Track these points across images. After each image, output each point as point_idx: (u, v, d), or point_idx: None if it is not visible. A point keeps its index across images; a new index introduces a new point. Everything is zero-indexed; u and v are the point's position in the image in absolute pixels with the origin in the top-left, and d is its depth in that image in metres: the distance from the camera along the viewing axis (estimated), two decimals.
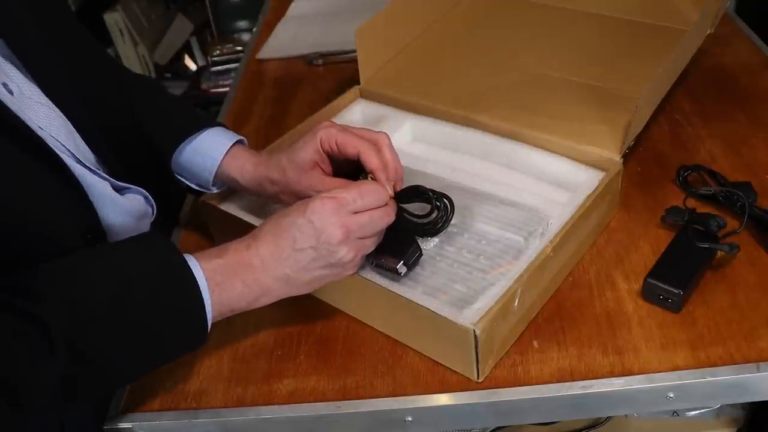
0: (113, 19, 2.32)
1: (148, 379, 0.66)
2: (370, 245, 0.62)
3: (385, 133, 0.68)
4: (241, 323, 0.70)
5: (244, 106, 1.08)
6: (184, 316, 0.56)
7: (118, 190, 0.70)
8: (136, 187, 0.73)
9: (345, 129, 0.68)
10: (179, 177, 0.78)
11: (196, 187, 0.78)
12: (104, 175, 0.68)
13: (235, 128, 0.98)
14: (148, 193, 0.74)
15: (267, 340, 0.69)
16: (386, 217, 0.62)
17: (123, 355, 0.55)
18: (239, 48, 2.34)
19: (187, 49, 2.56)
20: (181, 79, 2.49)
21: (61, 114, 0.66)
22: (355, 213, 0.60)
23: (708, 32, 0.96)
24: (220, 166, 0.75)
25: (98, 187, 0.65)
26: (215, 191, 0.77)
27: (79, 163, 0.65)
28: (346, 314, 0.70)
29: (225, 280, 0.58)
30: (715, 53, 1.01)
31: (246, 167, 0.74)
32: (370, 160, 0.65)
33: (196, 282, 0.56)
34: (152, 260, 0.56)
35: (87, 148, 0.69)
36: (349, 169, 0.69)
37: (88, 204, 0.63)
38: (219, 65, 2.37)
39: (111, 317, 0.53)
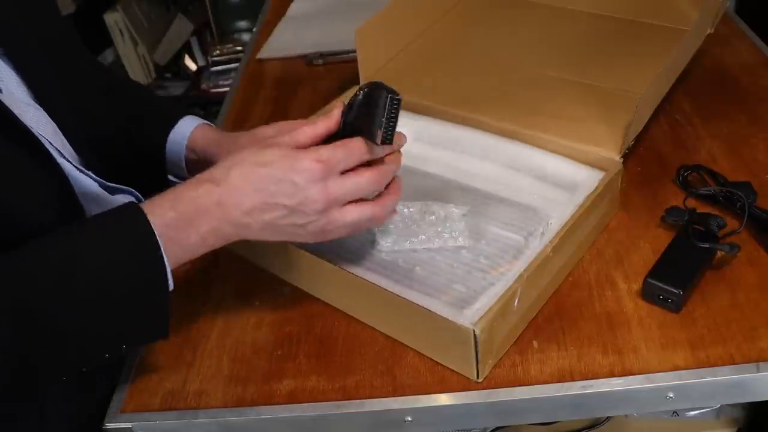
0: (113, 19, 2.32)
1: (148, 379, 0.66)
2: (347, 218, 0.59)
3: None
4: (241, 323, 0.70)
5: (244, 106, 1.08)
6: (140, 272, 0.55)
7: (107, 190, 0.71)
8: (126, 188, 0.73)
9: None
10: (173, 178, 0.79)
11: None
12: (91, 174, 0.68)
13: (235, 128, 0.99)
14: (138, 194, 0.75)
15: (267, 340, 0.69)
16: (374, 184, 0.60)
17: (75, 318, 0.53)
18: (239, 48, 2.35)
19: (187, 49, 2.56)
20: (181, 79, 2.49)
21: (50, 120, 0.66)
22: (342, 174, 0.58)
23: (708, 32, 0.96)
24: (188, 140, 0.76)
25: (84, 183, 0.65)
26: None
27: (66, 161, 0.65)
28: (346, 314, 0.70)
29: (178, 234, 0.56)
30: (715, 53, 1.01)
31: (207, 133, 0.75)
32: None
33: (156, 246, 0.54)
34: (111, 225, 0.55)
35: (73, 151, 0.69)
36: None
37: (74, 199, 0.63)
38: (219, 65, 2.37)
39: (60, 280, 0.52)
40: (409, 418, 0.62)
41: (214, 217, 0.56)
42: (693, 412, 0.82)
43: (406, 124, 0.87)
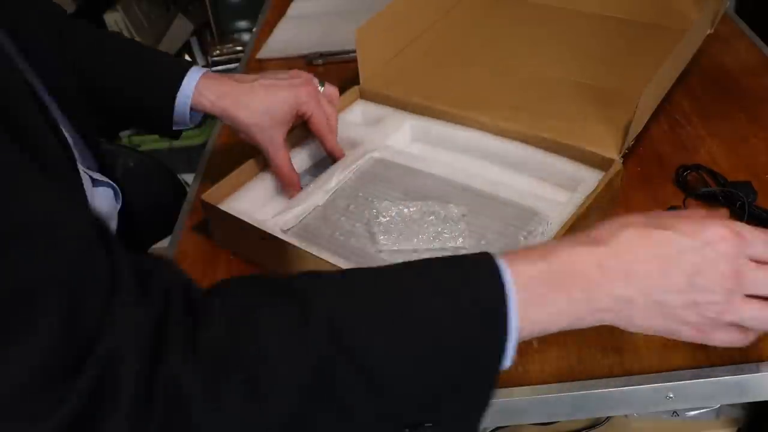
0: (113, 19, 2.32)
1: None
2: (748, 313, 0.47)
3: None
4: None
5: None
6: (474, 325, 0.43)
7: (93, 181, 0.72)
8: (108, 181, 0.74)
9: (320, 106, 0.77)
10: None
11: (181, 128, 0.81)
12: (84, 168, 0.70)
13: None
14: (118, 188, 0.77)
15: None
16: None
17: (383, 365, 0.42)
18: (239, 48, 2.34)
19: (187, 49, 2.56)
20: None
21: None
22: (753, 261, 0.47)
23: (708, 32, 0.96)
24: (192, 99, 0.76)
25: (83, 178, 0.67)
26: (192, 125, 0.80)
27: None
28: None
29: (548, 293, 0.45)
30: (715, 53, 1.01)
31: (201, 99, 0.76)
32: (330, 146, 0.79)
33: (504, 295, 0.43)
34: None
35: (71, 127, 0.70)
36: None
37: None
38: (219, 65, 2.37)
39: (381, 315, 0.43)
40: None
41: (592, 282, 0.45)
42: (693, 412, 0.82)
43: (406, 124, 0.87)
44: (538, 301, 0.45)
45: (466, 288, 0.44)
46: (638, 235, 0.47)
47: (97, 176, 0.75)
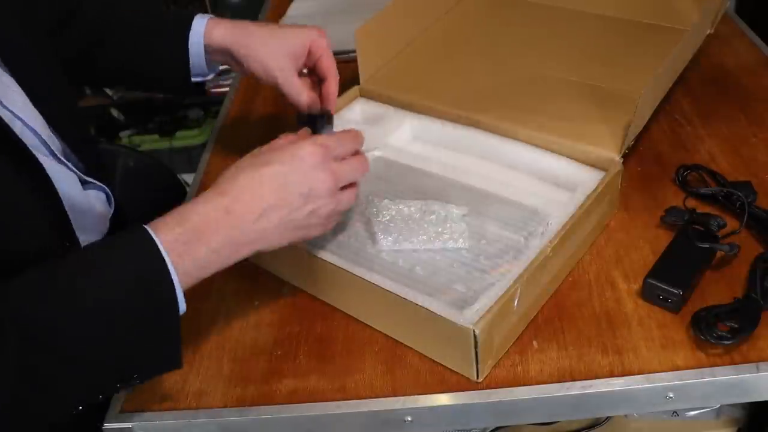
0: None
1: None
2: (347, 199, 0.62)
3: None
4: (241, 323, 0.70)
5: (244, 106, 1.08)
6: (147, 291, 0.53)
7: (83, 183, 0.72)
8: (99, 183, 0.75)
9: (329, 48, 0.78)
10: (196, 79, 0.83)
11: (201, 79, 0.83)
12: (72, 167, 0.70)
13: (235, 128, 0.98)
14: (108, 191, 0.78)
15: (267, 340, 0.69)
16: (362, 166, 0.63)
17: (81, 347, 0.51)
18: None
19: None
20: None
21: (22, 92, 0.68)
22: (338, 161, 0.61)
23: (708, 32, 0.96)
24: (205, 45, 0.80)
25: (65, 179, 0.67)
26: (212, 75, 0.84)
27: (51, 154, 0.66)
28: (346, 314, 0.70)
29: (188, 250, 0.54)
30: (715, 53, 1.01)
31: (213, 33, 0.80)
32: (331, 89, 0.78)
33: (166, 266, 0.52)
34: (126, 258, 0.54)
35: (57, 138, 0.70)
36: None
37: (56, 198, 0.64)
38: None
39: (65, 306, 0.51)
40: (409, 418, 0.62)
41: (225, 228, 0.55)
42: (693, 412, 0.82)
43: (406, 123, 0.87)
44: (184, 259, 0.53)
45: (129, 263, 0.52)
46: (251, 177, 0.57)
47: (87, 178, 0.75)
